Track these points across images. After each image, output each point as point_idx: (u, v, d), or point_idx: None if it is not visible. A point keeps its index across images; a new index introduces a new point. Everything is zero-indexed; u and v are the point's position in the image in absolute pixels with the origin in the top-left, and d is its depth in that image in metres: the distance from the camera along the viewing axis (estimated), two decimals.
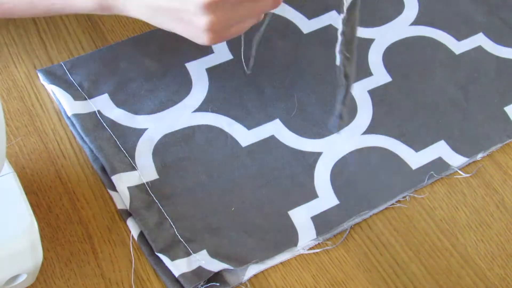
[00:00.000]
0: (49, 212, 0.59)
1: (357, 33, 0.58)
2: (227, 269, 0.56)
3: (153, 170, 0.61)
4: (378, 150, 0.65)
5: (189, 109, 0.65)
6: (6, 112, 0.64)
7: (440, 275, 0.58)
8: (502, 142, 0.66)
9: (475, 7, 0.75)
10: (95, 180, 0.61)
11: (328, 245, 0.59)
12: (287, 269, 0.58)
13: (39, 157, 0.62)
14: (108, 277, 0.56)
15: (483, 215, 0.62)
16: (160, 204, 0.59)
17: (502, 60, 0.72)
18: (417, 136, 0.66)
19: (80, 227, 0.58)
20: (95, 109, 0.64)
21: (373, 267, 0.58)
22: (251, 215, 0.60)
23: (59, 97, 0.65)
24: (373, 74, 0.69)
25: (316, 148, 0.64)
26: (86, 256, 0.57)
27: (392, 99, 0.68)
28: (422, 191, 0.63)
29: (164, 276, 0.56)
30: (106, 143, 0.62)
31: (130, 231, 0.59)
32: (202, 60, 0.68)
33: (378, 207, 0.61)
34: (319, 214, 0.60)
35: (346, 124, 0.64)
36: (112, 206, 0.60)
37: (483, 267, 0.59)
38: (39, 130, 0.63)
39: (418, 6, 0.75)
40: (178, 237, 0.58)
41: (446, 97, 0.68)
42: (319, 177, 0.62)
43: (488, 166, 0.65)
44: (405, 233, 0.60)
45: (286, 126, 0.65)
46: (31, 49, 0.69)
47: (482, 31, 0.74)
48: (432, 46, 0.72)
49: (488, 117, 0.67)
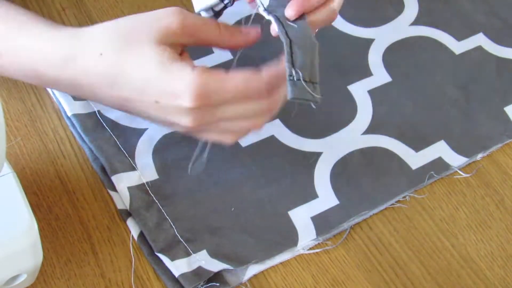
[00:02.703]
0: (49, 212, 0.59)
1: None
2: (227, 269, 0.56)
3: (153, 170, 0.61)
4: (378, 150, 0.65)
5: None
6: (6, 112, 0.64)
7: (440, 275, 0.58)
8: (502, 142, 0.66)
9: (475, 7, 0.75)
10: (95, 180, 0.61)
11: (328, 245, 0.59)
12: (287, 269, 0.58)
13: (39, 157, 0.62)
14: (108, 277, 0.56)
15: (483, 215, 0.62)
16: (160, 204, 0.59)
17: (502, 60, 0.72)
18: (417, 136, 0.66)
19: (80, 227, 0.58)
20: (95, 109, 0.64)
21: (373, 267, 0.58)
22: (251, 215, 0.60)
23: (59, 97, 0.65)
24: (373, 74, 0.69)
25: (316, 148, 0.64)
26: (86, 256, 0.57)
27: (392, 99, 0.68)
28: (422, 191, 0.63)
29: (164, 276, 0.56)
30: (106, 143, 0.62)
31: (130, 231, 0.59)
32: (202, 60, 0.68)
33: (378, 207, 0.61)
34: (319, 214, 0.60)
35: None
36: (112, 206, 0.60)
37: (483, 267, 0.59)
38: (39, 130, 0.63)
39: (418, 6, 0.75)
40: (178, 237, 0.58)
41: (446, 97, 0.68)
42: (319, 177, 0.62)
43: (488, 166, 0.65)
44: (405, 233, 0.60)
45: (286, 126, 0.65)
46: None
47: (482, 31, 0.74)
48: (432, 46, 0.72)
49: (488, 117, 0.67)
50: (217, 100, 0.53)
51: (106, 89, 0.54)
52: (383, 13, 0.75)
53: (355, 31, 0.73)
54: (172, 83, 0.52)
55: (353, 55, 0.71)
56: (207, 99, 0.52)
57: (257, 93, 0.53)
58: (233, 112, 0.54)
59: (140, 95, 0.54)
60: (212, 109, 0.53)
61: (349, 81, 0.69)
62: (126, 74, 0.53)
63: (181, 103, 0.52)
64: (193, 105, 0.52)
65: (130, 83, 0.53)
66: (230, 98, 0.53)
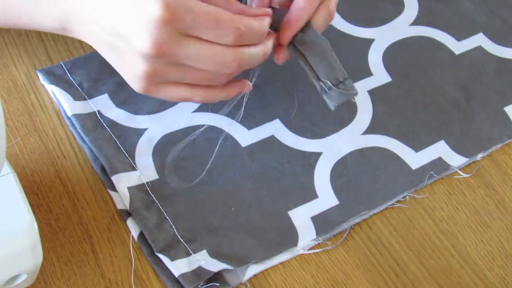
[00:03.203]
0: (49, 212, 0.59)
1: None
2: (227, 269, 0.56)
3: (153, 170, 0.61)
4: (378, 150, 0.65)
5: (189, 109, 0.65)
6: (6, 112, 0.64)
7: (440, 275, 0.58)
8: (502, 142, 0.66)
9: (475, 7, 0.75)
10: (95, 180, 0.61)
11: (328, 245, 0.59)
12: (287, 269, 0.58)
13: (39, 157, 0.62)
14: (108, 277, 0.56)
15: (483, 215, 0.62)
16: (160, 204, 0.59)
17: (502, 60, 0.72)
18: (417, 136, 0.66)
19: (80, 227, 0.58)
20: (95, 109, 0.64)
21: (373, 267, 0.58)
22: (251, 215, 0.60)
23: (59, 97, 0.65)
24: (373, 74, 0.69)
25: (316, 148, 0.64)
26: (86, 256, 0.57)
27: (392, 99, 0.68)
28: (422, 191, 0.63)
29: (164, 276, 0.56)
30: (106, 143, 0.62)
31: (130, 231, 0.59)
32: None
33: (378, 207, 0.61)
34: (319, 214, 0.60)
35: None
36: (112, 206, 0.60)
37: (483, 267, 0.59)
38: (39, 130, 0.63)
39: (418, 6, 0.75)
40: (178, 237, 0.58)
41: (446, 97, 0.68)
42: (319, 177, 0.62)
43: (488, 166, 0.65)
44: (405, 233, 0.60)
45: (286, 126, 0.65)
46: (31, 49, 0.69)
47: (482, 31, 0.74)
48: (432, 46, 0.72)
49: (488, 117, 0.67)
50: (185, 19, 0.51)
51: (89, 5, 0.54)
52: (383, 13, 0.75)
53: (355, 31, 0.73)
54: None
55: (353, 55, 0.71)
56: (175, 12, 0.51)
57: (229, 23, 0.52)
58: (197, 50, 0.53)
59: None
60: (176, 32, 0.52)
61: None
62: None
63: (147, 10, 0.51)
64: (159, 13, 0.51)
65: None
66: (200, 20, 0.52)
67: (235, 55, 0.54)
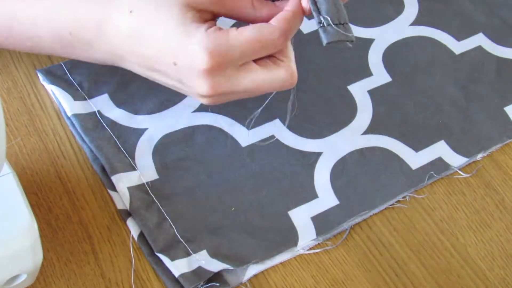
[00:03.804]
0: (49, 212, 0.59)
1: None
2: (227, 269, 0.56)
3: (153, 170, 0.61)
4: (378, 150, 0.65)
5: (189, 109, 0.65)
6: (6, 112, 0.64)
7: (440, 275, 0.58)
8: (502, 142, 0.66)
9: (475, 7, 0.75)
10: (95, 180, 0.61)
11: (328, 245, 0.59)
12: (287, 269, 0.58)
13: (39, 157, 0.62)
14: (108, 277, 0.56)
15: (483, 215, 0.62)
16: (160, 204, 0.59)
17: (502, 60, 0.72)
18: (417, 136, 0.66)
19: (80, 227, 0.58)
20: (95, 109, 0.64)
21: (373, 267, 0.58)
22: (251, 215, 0.60)
23: (59, 97, 0.65)
24: (373, 74, 0.69)
25: (316, 148, 0.64)
26: (86, 256, 0.57)
27: (392, 99, 0.68)
28: (422, 191, 0.63)
29: (164, 276, 0.56)
30: (106, 143, 0.62)
31: (130, 231, 0.59)
32: None
33: (378, 207, 0.61)
34: (319, 214, 0.60)
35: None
36: (112, 206, 0.60)
37: (483, 267, 0.59)
38: (39, 130, 0.63)
39: (418, 6, 0.75)
40: (178, 237, 0.58)
41: (446, 97, 0.68)
42: (319, 177, 0.62)
43: (488, 166, 0.65)
44: (405, 233, 0.60)
45: (286, 126, 0.65)
46: None
47: (482, 31, 0.74)
48: (432, 46, 0.72)
49: (488, 117, 0.67)
50: (232, 57, 0.53)
51: (133, 46, 0.55)
52: (383, 13, 0.75)
53: (355, 31, 0.72)
54: (188, 41, 0.52)
55: (353, 55, 0.71)
56: (221, 56, 0.52)
57: (272, 40, 0.53)
58: (252, 82, 0.55)
59: (159, 52, 0.54)
60: (229, 70, 0.53)
61: (349, 81, 0.69)
62: (151, 31, 0.54)
63: (196, 64, 0.53)
64: (207, 65, 0.52)
65: (152, 41, 0.54)
66: (247, 50, 0.53)
67: (290, 70, 0.56)
